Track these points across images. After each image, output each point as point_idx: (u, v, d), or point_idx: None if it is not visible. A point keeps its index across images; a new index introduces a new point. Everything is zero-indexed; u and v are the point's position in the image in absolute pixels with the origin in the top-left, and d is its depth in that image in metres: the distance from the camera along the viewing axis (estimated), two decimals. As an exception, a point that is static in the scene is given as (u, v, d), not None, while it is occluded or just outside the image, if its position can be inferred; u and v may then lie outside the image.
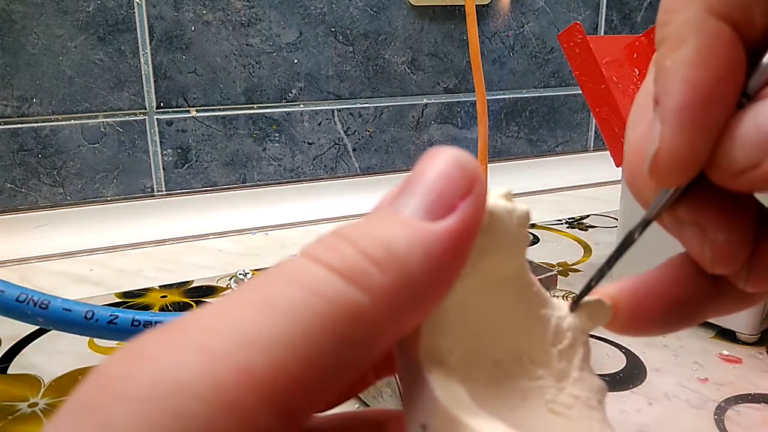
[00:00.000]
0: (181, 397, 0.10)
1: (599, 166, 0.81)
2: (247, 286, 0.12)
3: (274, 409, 0.10)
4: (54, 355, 0.41)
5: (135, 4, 0.61)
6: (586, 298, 0.16)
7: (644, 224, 0.16)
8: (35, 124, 0.60)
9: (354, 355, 0.12)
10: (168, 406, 0.10)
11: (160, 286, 0.52)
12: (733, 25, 0.14)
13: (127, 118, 0.63)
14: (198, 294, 0.50)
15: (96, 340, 0.42)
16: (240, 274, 0.41)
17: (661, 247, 0.20)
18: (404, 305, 0.12)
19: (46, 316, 0.34)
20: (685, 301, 0.16)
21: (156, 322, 0.36)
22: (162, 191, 0.66)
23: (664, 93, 0.14)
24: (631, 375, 0.38)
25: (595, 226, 0.66)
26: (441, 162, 0.13)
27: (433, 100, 0.76)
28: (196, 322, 0.11)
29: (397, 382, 0.32)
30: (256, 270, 0.54)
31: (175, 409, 0.10)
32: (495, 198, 0.14)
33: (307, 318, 0.11)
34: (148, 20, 0.62)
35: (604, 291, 0.16)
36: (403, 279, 0.12)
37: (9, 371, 0.39)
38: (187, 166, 0.66)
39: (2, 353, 0.41)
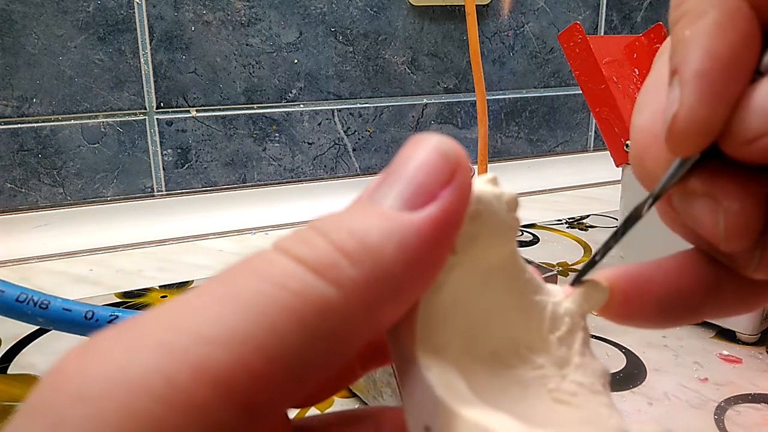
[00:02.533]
0: (135, 395, 0.10)
1: (599, 166, 0.81)
2: (213, 279, 0.12)
3: (235, 405, 0.10)
4: (54, 355, 0.41)
5: (135, 4, 0.61)
6: (583, 279, 0.15)
7: (654, 198, 0.15)
8: (35, 124, 0.60)
9: (322, 350, 0.11)
10: (121, 405, 0.10)
11: (160, 286, 0.52)
12: (750, 2, 0.14)
13: (127, 118, 0.63)
14: (198, 294, 0.50)
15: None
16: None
17: (662, 246, 0.20)
18: (378, 299, 0.12)
19: (46, 316, 0.34)
20: (684, 294, 0.16)
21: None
22: (162, 191, 0.66)
23: (683, 61, 0.14)
24: (631, 375, 0.38)
25: (595, 226, 0.66)
26: (422, 150, 0.13)
27: (433, 100, 0.76)
28: (154, 317, 0.11)
29: (396, 380, 0.32)
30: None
31: (129, 407, 0.10)
32: (481, 184, 0.14)
33: (269, 311, 0.11)
34: (148, 20, 0.62)
35: (603, 274, 0.16)
36: (376, 272, 0.12)
37: (9, 371, 0.39)
38: (187, 166, 0.66)
39: (2, 353, 0.41)
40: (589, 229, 0.65)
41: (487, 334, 0.14)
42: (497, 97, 0.80)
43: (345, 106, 0.72)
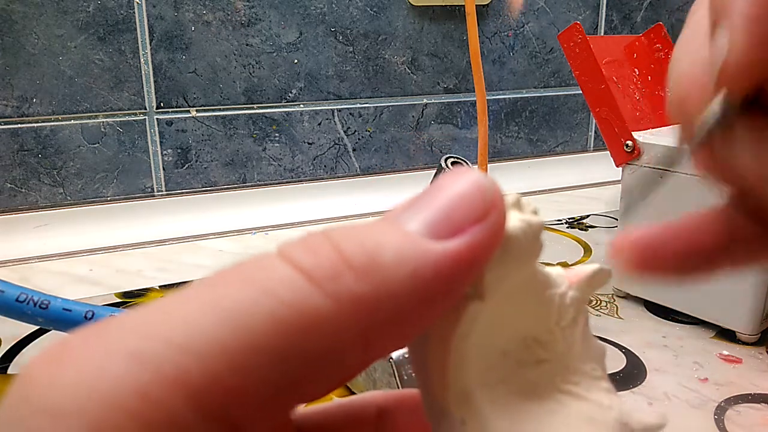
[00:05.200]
0: (107, 411, 0.09)
1: (599, 166, 0.81)
2: (204, 280, 0.11)
3: (214, 422, 0.09)
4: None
5: (135, 4, 0.61)
6: (584, 268, 0.15)
7: (698, 141, 0.15)
8: (35, 124, 0.60)
9: (307, 368, 0.10)
10: (93, 422, 0.09)
11: (160, 286, 0.52)
12: None
13: (127, 118, 0.63)
14: (198, 294, 0.50)
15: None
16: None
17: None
18: (375, 323, 0.11)
19: (46, 316, 0.34)
20: (701, 248, 0.16)
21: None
22: (162, 191, 0.66)
23: (731, 7, 0.14)
24: (631, 375, 0.38)
25: (595, 226, 0.66)
26: (460, 181, 0.12)
27: (433, 100, 0.76)
28: (129, 321, 0.10)
29: (394, 374, 0.32)
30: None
31: (101, 424, 0.09)
32: (511, 218, 0.13)
33: (253, 322, 0.10)
34: (148, 20, 0.62)
35: (620, 238, 0.16)
36: (380, 293, 0.11)
37: (9, 371, 0.39)
38: (187, 166, 0.66)
39: (2, 353, 0.41)
40: (589, 229, 0.65)
41: (501, 337, 0.14)
42: (497, 97, 0.80)
43: (345, 106, 0.72)
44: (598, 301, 0.48)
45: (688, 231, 0.16)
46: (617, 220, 0.48)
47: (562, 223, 0.67)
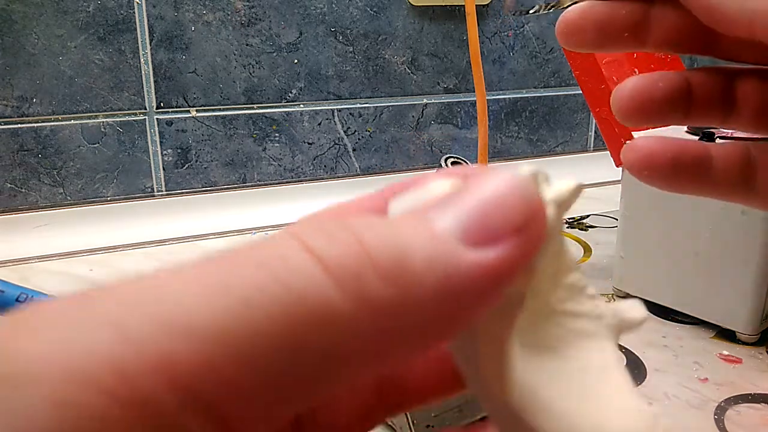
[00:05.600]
0: (75, 384, 0.08)
1: (599, 166, 0.81)
2: (208, 257, 0.10)
3: (198, 412, 0.08)
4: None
5: (135, 4, 0.61)
6: (562, 184, 0.14)
7: None
8: (35, 124, 0.60)
9: (312, 369, 0.09)
10: (56, 393, 0.08)
11: (160, 286, 0.52)
12: None
13: (127, 118, 0.63)
14: (198, 294, 0.50)
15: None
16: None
17: (662, 246, 0.20)
18: (393, 330, 0.10)
19: (46, 316, 0.34)
20: (686, 95, 0.21)
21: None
22: (162, 191, 0.66)
23: None
24: (631, 375, 0.38)
25: (595, 226, 0.66)
26: (501, 183, 0.11)
27: (433, 100, 0.76)
28: (118, 291, 0.09)
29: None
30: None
31: (65, 396, 0.08)
32: (549, 213, 0.12)
33: (259, 308, 0.09)
34: (148, 20, 0.62)
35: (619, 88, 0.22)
36: (405, 300, 0.10)
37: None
38: (187, 166, 0.67)
39: (2, 353, 0.41)
40: (589, 229, 0.65)
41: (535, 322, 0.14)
42: (497, 97, 0.80)
43: (345, 106, 0.72)
44: (598, 301, 0.48)
45: (668, 78, 0.21)
46: (617, 220, 0.48)
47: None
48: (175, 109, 0.65)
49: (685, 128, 0.41)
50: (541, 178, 0.13)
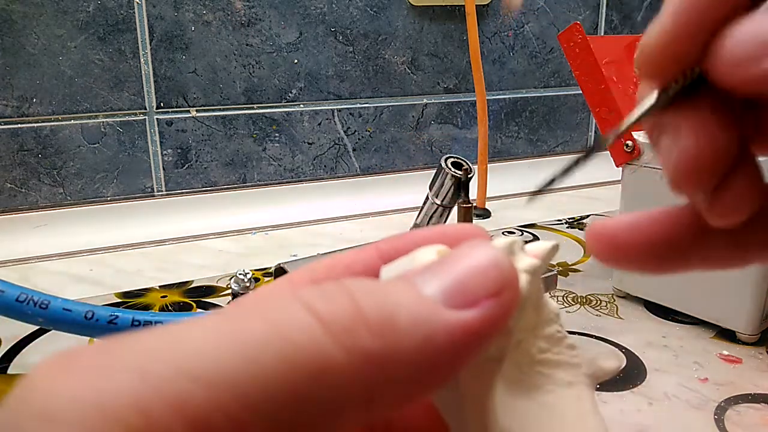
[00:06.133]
0: (105, 423, 0.09)
1: (599, 166, 0.81)
2: (223, 312, 0.11)
3: None
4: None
5: (135, 4, 0.61)
6: (540, 244, 0.16)
7: (620, 131, 0.16)
8: (35, 124, 0.60)
9: (310, 414, 0.10)
10: (87, 430, 0.09)
11: (160, 286, 0.52)
12: None
13: (127, 118, 0.63)
14: (198, 294, 0.50)
15: (96, 340, 0.42)
16: (240, 274, 0.41)
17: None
18: (381, 379, 0.11)
19: (46, 316, 0.34)
20: (671, 241, 0.16)
21: (156, 322, 0.36)
22: (162, 191, 0.66)
23: None
24: (631, 375, 0.38)
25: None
26: (477, 254, 0.13)
27: (433, 100, 0.76)
28: (141, 341, 0.10)
29: None
30: (255, 270, 0.54)
31: None
32: (521, 280, 0.14)
33: (266, 359, 0.10)
34: (148, 20, 0.62)
35: (596, 223, 0.16)
36: (392, 353, 0.11)
37: (9, 371, 0.39)
38: (187, 166, 0.67)
39: (2, 353, 0.41)
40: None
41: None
42: (497, 97, 0.80)
43: (345, 106, 0.72)
44: (598, 301, 0.48)
45: (659, 223, 0.16)
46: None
47: (562, 223, 0.67)
48: (175, 109, 0.65)
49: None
50: (516, 247, 0.14)
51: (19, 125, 0.60)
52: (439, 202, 0.49)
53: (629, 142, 0.44)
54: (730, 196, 0.14)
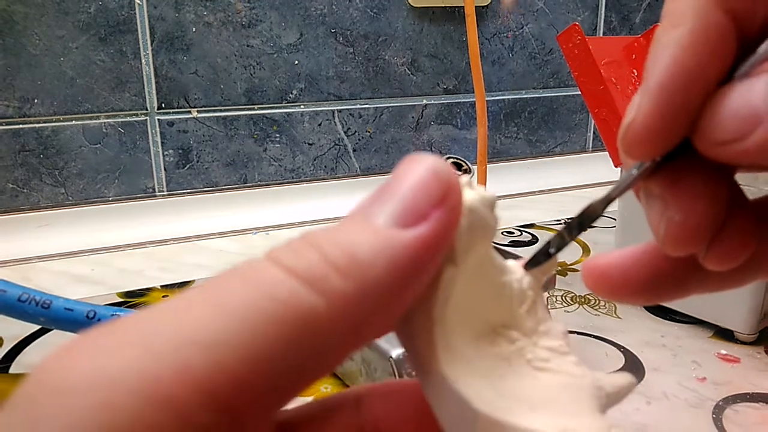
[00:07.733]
0: (114, 390, 0.10)
1: (598, 166, 0.81)
2: (202, 285, 0.12)
3: (216, 407, 0.10)
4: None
5: (136, 5, 0.61)
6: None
7: (608, 199, 0.16)
8: (37, 125, 0.60)
9: (306, 360, 0.11)
10: (99, 398, 0.10)
11: (161, 286, 0.52)
12: (734, 16, 0.14)
13: (128, 118, 0.63)
14: (199, 294, 0.50)
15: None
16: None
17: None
18: (364, 313, 0.12)
19: (48, 316, 0.34)
20: (668, 272, 0.17)
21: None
22: (163, 191, 0.66)
23: (650, 68, 0.14)
24: (630, 374, 0.39)
25: (595, 226, 0.66)
26: (416, 170, 0.13)
27: (432, 101, 0.76)
28: (138, 321, 0.11)
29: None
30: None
31: (108, 401, 0.10)
32: (470, 194, 0.14)
33: (255, 318, 0.11)
34: (149, 21, 0.62)
35: (592, 259, 0.17)
36: (364, 286, 0.12)
37: (11, 371, 0.40)
38: (188, 166, 0.67)
39: (4, 353, 0.41)
40: (589, 229, 0.65)
41: (472, 320, 0.15)
42: (496, 98, 0.80)
43: (345, 107, 0.72)
44: (597, 301, 0.48)
45: (653, 257, 0.17)
46: (616, 220, 0.49)
47: (561, 224, 0.67)
48: (177, 110, 0.65)
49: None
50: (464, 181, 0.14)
51: (21, 126, 0.60)
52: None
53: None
54: (724, 247, 0.15)
